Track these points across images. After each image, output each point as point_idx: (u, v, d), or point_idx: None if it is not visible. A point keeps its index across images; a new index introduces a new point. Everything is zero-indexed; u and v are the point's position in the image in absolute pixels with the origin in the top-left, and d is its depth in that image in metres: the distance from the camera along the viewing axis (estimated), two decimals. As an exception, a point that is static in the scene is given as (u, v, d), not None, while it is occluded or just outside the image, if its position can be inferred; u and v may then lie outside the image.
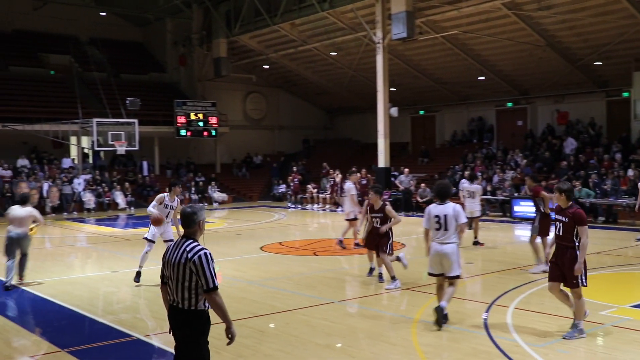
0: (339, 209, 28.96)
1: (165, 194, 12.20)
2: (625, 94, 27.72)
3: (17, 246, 11.77)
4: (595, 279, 12.08)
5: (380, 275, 11.65)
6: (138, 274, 11.90)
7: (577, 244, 7.90)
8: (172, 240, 11.38)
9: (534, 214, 13.10)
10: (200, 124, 35.45)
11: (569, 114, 30.36)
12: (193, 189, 33.49)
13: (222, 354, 7.54)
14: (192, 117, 35.12)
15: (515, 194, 24.36)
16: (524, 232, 20.20)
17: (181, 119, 34.72)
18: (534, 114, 32.37)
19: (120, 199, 30.29)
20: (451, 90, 34.69)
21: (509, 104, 33.00)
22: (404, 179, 27.90)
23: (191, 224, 5.30)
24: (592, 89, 29.81)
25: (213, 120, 35.96)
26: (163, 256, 5.38)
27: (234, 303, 10.24)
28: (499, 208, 25.12)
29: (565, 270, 7.95)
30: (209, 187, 33.90)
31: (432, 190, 9.13)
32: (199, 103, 35.93)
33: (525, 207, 22.93)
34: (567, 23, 25.42)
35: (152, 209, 11.89)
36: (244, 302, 10.30)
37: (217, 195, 33.54)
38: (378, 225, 11.26)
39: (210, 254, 5.16)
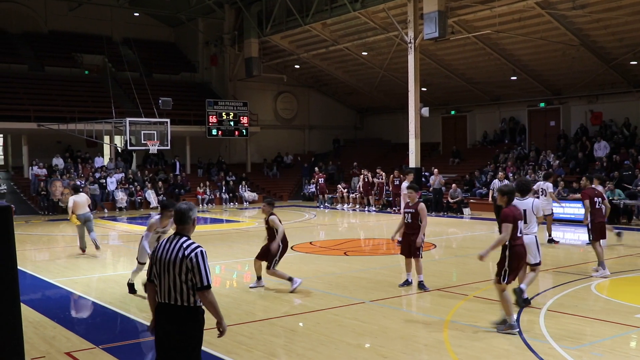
0: (366, 208, 28.99)
1: (157, 217, 10.52)
2: (661, 94, 27.26)
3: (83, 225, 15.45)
4: (630, 282, 11.93)
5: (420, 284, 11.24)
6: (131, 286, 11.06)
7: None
8: None
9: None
10: (232, 123, 35.67)
11: (603, 114, 29.94)
12: (224, 188, 33.72)
13: (254, 352, 7.61)
14: (224, 116, 35.37)
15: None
16: (556, 234, 19.97)
17: (212, 119, 34.98)
18: (566, 114, 31.97)
19: (152, 197, 30.63)
20: (483, 90, 34.42)
21: (542, 104, 32.64)
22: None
23: (186, 221, 5.26)
24: (627, 89, 29.34)
25: (244, 119, 36.16)
26: (152, 253, 5.31)
27: (266, 302, 10.32)
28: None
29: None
30: (240, 186, 34.10)
31: (515, 185, 9.47)
32: (230, 103, 36.16)
33: (558, 209, 22.65)
34: (601, 22, 25.06)
35: (146, 244, 10.38)
36: (276, 301, 10.37)
37: (248, 194, 33.73)
38: (410, 221, 11.13)
39: (205, 252, 5.12)
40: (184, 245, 5.12)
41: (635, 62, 27.19)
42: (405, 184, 17.60)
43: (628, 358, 7.24)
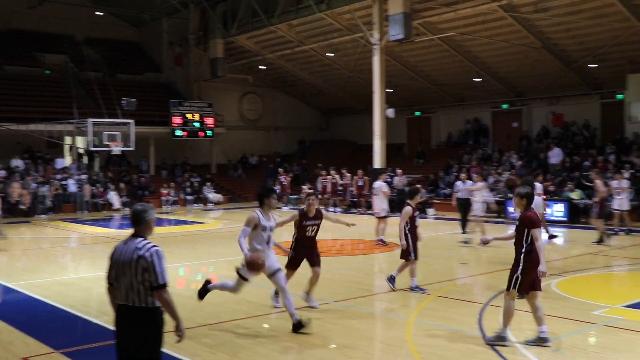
0: (332, 209, 28.99)
1: (257, 211, 8.57)
2: (620, 96, 27.83)
3: None
4: (586, 280, 12.15)
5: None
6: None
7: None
8: (279, 270, 8.77)
9: None
10: (196, 124, 35.40)
11: (564, 115, 30.47)
12: (188, 189, 33.47)
13: (218, 354, 7.56)
14: (188, 117, 35.09)
15: (510, 195, 24.38)
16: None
17: (177, 120, 34.67)
18: (529, 115, 32.45)
19: (114, 199, 30.24)
20: (447, 92, 34.75)
21: (505, 106, 33.07)
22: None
23: (141, 222, 5.23)
24: (587, 91, 29.90)
25: (209, 120, 35.93)
26: (110, 256, 5.27)
27: (229, 304, 10.24)
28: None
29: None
30: (204, 187, 33.88)
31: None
32: (195, 103, 35.90)
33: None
34: (563, 25, 25.49)
35: (243, 242, 8.51)
36: (240, 303, 10.30)
37: (213, 195, 33.51)
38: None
39: (162, 251, 5.09)
40: (139, 245, 5.10)
41: (595, 65, 27.71)
42: (379, 183, 17.73)
43: (587, 355, 7.36)
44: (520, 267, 7.57)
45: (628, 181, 19.10)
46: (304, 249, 9.87)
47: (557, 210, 22.13)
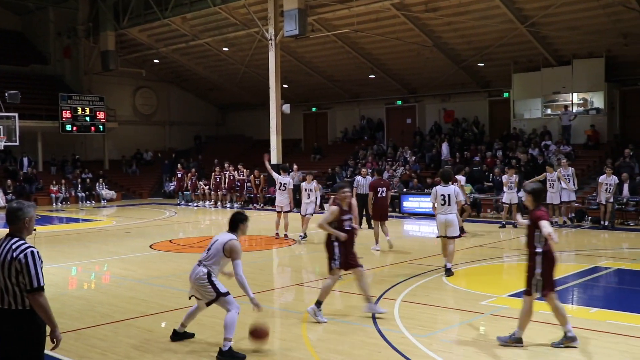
0: (228, 205, 28.75)
1: (234, 236, 7.66)
2: (506, 95, 29.15)
3: None
4: (475, 271, 12.66)
5: None
6: None
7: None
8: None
9: None
10: (87, 119, 34.22)
11: (455, 112, 31.58)
12: (80, 186, 32.30)
13: (108, 355, 7.35)
14: (79, 111, 33.86)
15: (404, 190, 25.02)
16: (412, 227, 20.80)
17: (66, 114, 33.37)
18: (422, 112, 33.37)
19: (-1, 196, 28.81)
20: (343, 88, 35.20)
21: (399, 102, 33.87)
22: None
23: (15, 221, 4.99)
24: (476, 89, 31.10)
25: (101, 115, 34.82)
26: None
27: (122, 303, 9.98)
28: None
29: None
30: (97, 184, 32.79)
31: (437, 174, 10.38)
32: (85, 97, 34.67)
33: (414, 203, 23.66)
34: (452, 25, 26.38)
35: (246, 283, 7.43)
36: (132, 302, 10.06)
37: (106, 192, 32.49)
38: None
39: (37, 252, 4.90)
40: (14, 246, 4.88)
41: (483, 64, 28.85)
42: (288, 179, 17.58)
43: (475, 342, 7.66)
44: (540, 269, 7.22)
45: (517, 176, 19.99)
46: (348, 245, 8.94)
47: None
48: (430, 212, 15.00)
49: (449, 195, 11.58)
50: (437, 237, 12.20)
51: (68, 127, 33.61)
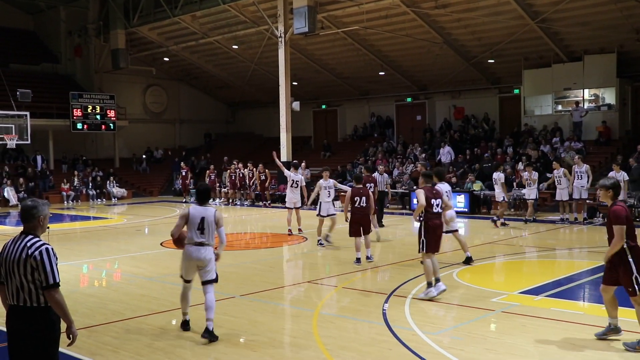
0: (238, 202, 28.76)
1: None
2: (516, 91, 29.04)
3: None
4: (486, 268, 12.62)
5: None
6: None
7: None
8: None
9: None
10: (98, 117, 34.37)
11: (465, 109, 31.48)
12: (90, 184, 32.44)
13: (120, 352, 7.38)
14: (89, 110, 34.01)
15: (415, 187, 24.94)
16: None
17: (77, 112, 33.53)
18: (432, 109, 33.27)
19: (11, 195, 28.93)
20: (352, 85, 35.15)
21: (408, 99, 33.79)
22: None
23: (30, 219, 5.02)
24: (486, 86, 30.98)
25: (111, 113, 34.95)
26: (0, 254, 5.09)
27: (133, 300, 10.02)
28: (398, 201, 25.68)
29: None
30: (108, 182, 32.92)
31: (434, 173, 10.98)
32: (96, 95, 34.82)
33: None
34: (462, 22, 26.29)
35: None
36: (143, 299, 10.10)
37: (116, 190, 32.60)
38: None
39: (52, 249, 4.93)
40: (28, 244, 4.91)
41: (493, 61, 28.74)
42: (299, 176, 17.72)
43: (485, 340, 7.63)
44: (635, 267, 6.98)
45: (537, 173, 19.92)
46: None
47: (459, 201, 22.83)
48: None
49: (446, 192, 11.73)
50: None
51: (79, 126, 33.78)
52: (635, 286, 6.95)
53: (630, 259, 6.98)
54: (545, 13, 24.15)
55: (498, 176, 18.66)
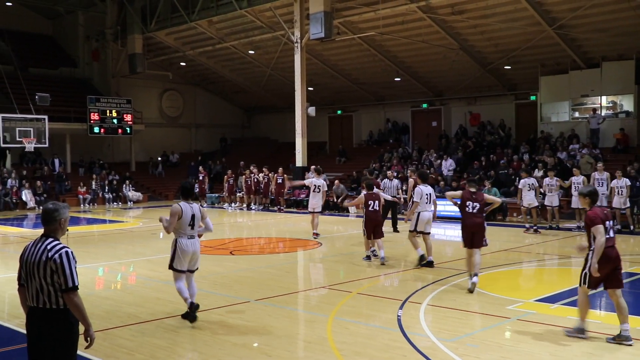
0: (253, 207, 28.80)
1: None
2: (533, 98, 28.92)
3: None
4: (502, 275, 12.55)
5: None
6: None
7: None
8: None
9: None
10: (115, 121, 34.62)
11: (481, 115, 31.38)
12: (107, 187, 32.64)
13: (135, 355, 7.41)
14: (106, 114, 34.27)
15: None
16: (437, 231, 20.70)
17: (94, 116, 33.80)
18: (447, 115, 33.22)
19: (28, 197, 29.17)
20: (368, 91, 35.16)
21: (424, 105, 33.74)
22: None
23: (51, 222, 5.05)
24: (502, 92, 30.88)
25: (128, 117, 35.19)
26: (20, 256, 5.12)
27: (148, 303, 10.06)
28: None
29: None
30: (124, 185, 33.12)
31: (417, 175, 12.79)
32: (113, 100, 35.08)
33: (439, 207, 23.43)
34: (478, 28, 26.22)
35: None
36: (159, 303, 10.13)
37: (132, 194, 32.81)
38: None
39: (72, 252, 4.96)
40: (49, 247, 4.95)
41: (509, 67, 28.64)
42: (320, 181, 17.94)
43: (501, 347, 7.59)
44: (587, 265, 7.79)
45: (558, 179, 19.76)
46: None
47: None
48: (457, 216, 14.86)
49: (430, 194, 12.85)
50: (414, 231, 12.94)
51: (96, 130, 34.04)
52: (581, 280, 7.88)
53: (589, 257, 7.75)
54: (563, 19, 24.04)
55: (531, 181, 18.71)
